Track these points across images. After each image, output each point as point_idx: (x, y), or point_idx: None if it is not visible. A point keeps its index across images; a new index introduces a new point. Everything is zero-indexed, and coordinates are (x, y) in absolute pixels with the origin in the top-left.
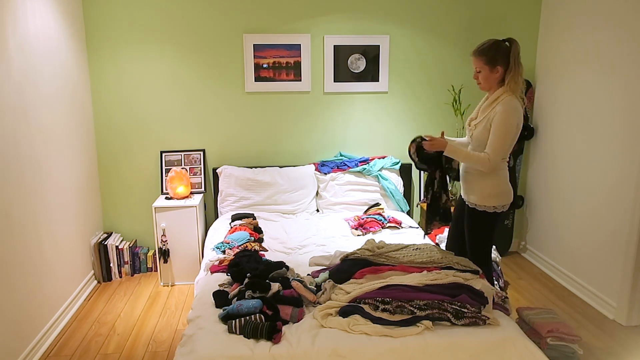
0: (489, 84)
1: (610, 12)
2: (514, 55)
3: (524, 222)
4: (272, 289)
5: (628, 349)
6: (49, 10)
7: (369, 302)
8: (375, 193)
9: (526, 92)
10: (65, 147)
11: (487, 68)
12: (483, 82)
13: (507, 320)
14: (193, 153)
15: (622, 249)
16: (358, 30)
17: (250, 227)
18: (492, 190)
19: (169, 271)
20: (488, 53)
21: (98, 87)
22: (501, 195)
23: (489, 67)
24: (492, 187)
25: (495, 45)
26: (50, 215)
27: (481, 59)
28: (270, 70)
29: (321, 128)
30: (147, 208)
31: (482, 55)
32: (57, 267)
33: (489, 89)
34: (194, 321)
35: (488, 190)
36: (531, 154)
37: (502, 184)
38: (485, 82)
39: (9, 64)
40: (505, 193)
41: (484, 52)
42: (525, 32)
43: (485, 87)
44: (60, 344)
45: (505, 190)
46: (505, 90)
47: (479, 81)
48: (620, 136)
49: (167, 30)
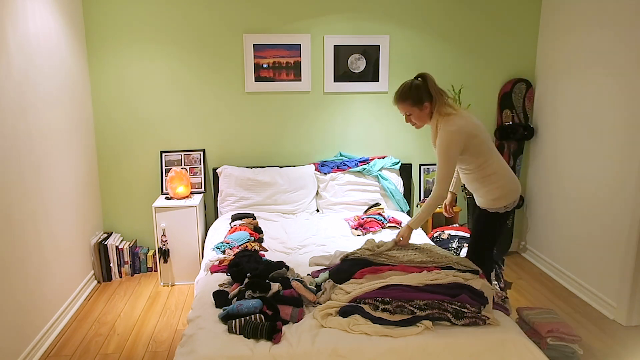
0: (424, 121)
1: (610, 11)
2: (432, 87)
3: (524, 222)
4: (272, 289)
5: (628, 349)
6: (49, 10)
7: (369, 302)
8: (375, 193)
9: (526, 92)
10: (65, 147)
11: (416, 109)
12: (418, 121)
13: (507, 320)
14: (193, 153)
15: (622, 249)
16: (358, 30)
17: (250, 227)
18: (498, 194)
19: (169, 271)
20: (410, 95)
21: (98, 87)
22: (507, 195)
23: (417, 108)
24: (496, 189)
25: (414, 86)
26: (50, 215)
27: (407, 103)
28: (270, 70)
29: (321, 128)
30: (147, 208)
31: (406, 100)
32: (57, 267)
33: (424, 124)
34: (194, 321)
35: (493, 195)
36: (531, 154)
37: (505, 184)
38: (419, 121)
39: (9, 64)
40: (512, 191)
41: (405, 96)
42: (525, 32)
43: (421, 125)
44: (60, 344)
45: (511, 189)
46: (439, 117)
47: (412, 122)
48: (620, 136)
49: (167, 30)
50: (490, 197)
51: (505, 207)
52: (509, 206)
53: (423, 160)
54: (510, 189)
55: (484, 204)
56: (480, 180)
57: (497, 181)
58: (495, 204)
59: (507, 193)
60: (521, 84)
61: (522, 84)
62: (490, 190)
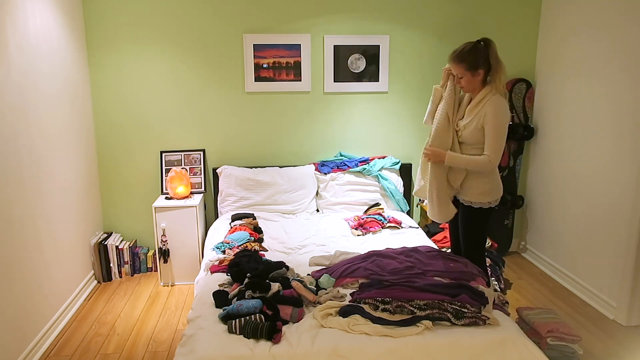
0: (473, 87)
1: (611, 11)
2: (493, 55)
3: (524, 222)
4: (272, 289)
5: (628, 349)
6: (49, 10)
7: (369, 302)
8: (375, 193)
9: (526, 92)
10: (65, 147)
11: (469, 73)
12: (466, 85)
13: (507, 320)
14: (193, 153)
15: (622, 249)
16: (358, 30)
17: (250, 227)
18: (486, 188)
19: (169, 271)
20: (468, 58)
21: (98, 87)
22: (494, 190)
23: (470, 72)
24: (485, 184)
25: (474, 48)
26: (50, 215)
27: (462, 65)
28: (270, 70)
29: (321, 128)
30: (147, 208)
31: (462, 62)
32: (57, 267)
33: (472, 91)
34: (194, 321)
35: (482, 187)
36: (531, 154)
37: (494, 180)
38: (468, 86)
39: (9, 64)
40: (497, 188)
41: (463, 57)
42: (526, 33)
43: (468, 90)
44: (60, 344)
45: (498, 185)
46: (490, 90)
47: (461, 85)
48: (620, 136)
49: (167, 30)
50: (480, 190)
51: (489, 202)
52: (492, 203)
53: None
54: (498, 185)
55: (470, 197)
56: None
57: (489, 175)
58: (482, 199)
59: (494, 188)
60: (521, 83)
61: (522, 83)
62: (481, 183)
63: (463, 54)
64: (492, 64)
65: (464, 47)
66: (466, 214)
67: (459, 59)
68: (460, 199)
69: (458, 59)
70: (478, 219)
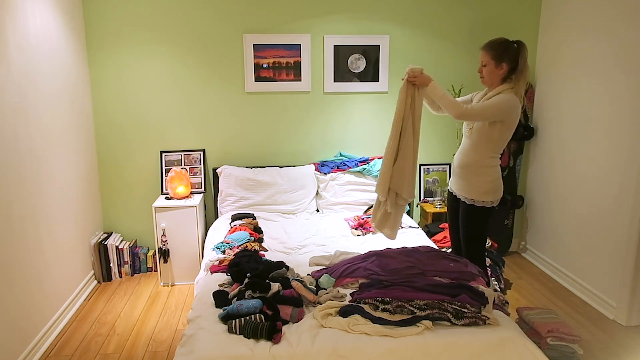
0: (492, 80)
1: (611, 11)
2: (523, 57)
3: (524, 222)
4: (272, 289)
5: (628, 349)
6: (49, 10)
7: (369, 302)
8: (375, 193)
9: (526, 92)
10: (65, 147)
11: (493, 63)
12: (487, 76)
13: (507, 320)
14: (193, 153)
15: (622, 249)
16: (358, 30)
17: (250, 227)
18: (490, 186)
19: (169, 271)
20: (497, 49)
21: (98, 87)
22: (496, 190)
23: (494, 62)
24: (489, 183)
25: (506, 43)
26: (50, 215)
27: (489, 53)
28: (270, 70)
29: (321, 128)
30: (147, 208)
31: (491, 50)
32: (57, 267)
33: (490, 84)
34: (194, 321)
35: (486, 187)
36: (531, 154)
37: (497, 179)
38: (488, 77)
39: (9, 64)
40: (499, 188)
41: (493, 47)
42: (526, 33)
43: (487, 82)
44: (60, 344)
45: (500, 185)
46: (507, 88)
47: (482, 75)
48: (620, 136)
49: (167, 30)
50: (483, 189)
51: (491, 202)
52: (494, 202)
53: (423, 160)
54: (500, 185)
55: (472, 195)
56: (480, 168)
57: (492, 174)
58: (484, 197)
59: (497, 187)
60: None
61: None
62: (484, 182)
63: (494, 43)
64: (519, 65)
65: (498, 38)
66: (467, 213)
67: (488, 46)
68: (462, 197)
69: (488, 46)
70: (479, 217)
